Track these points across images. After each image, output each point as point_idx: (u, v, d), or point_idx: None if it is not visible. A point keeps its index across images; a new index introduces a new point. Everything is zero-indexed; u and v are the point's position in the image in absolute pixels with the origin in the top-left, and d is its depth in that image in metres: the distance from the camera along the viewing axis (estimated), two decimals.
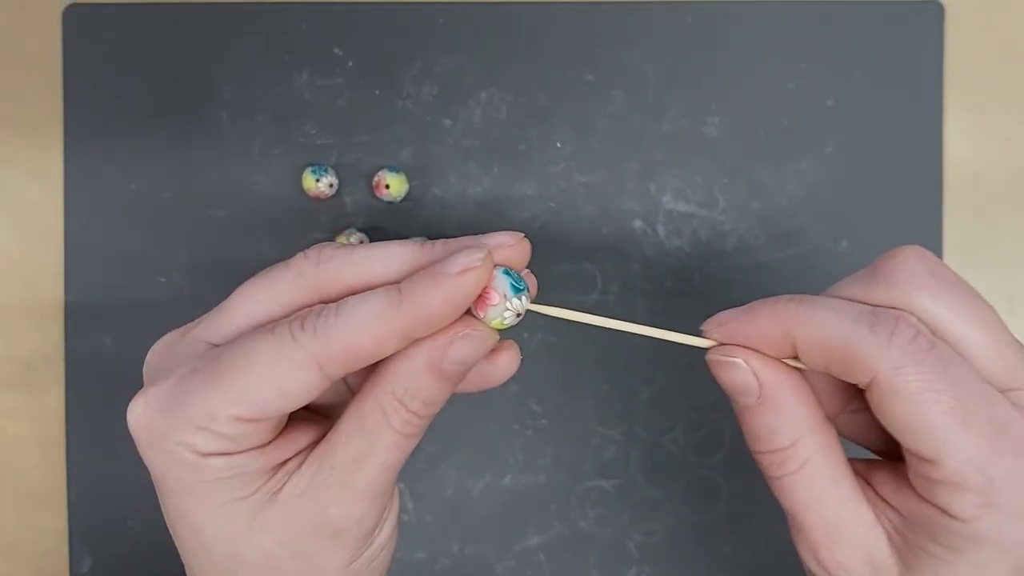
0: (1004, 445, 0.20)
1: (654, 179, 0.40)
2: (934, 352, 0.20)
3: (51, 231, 0.41)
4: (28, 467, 0.41)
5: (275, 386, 0.21)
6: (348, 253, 0.23)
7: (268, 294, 0.24)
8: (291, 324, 0.22)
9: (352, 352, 0.22)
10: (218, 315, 0.24)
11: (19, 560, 0.41)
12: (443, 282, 0.21)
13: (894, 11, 0.40)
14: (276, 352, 0.21)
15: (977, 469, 0.20)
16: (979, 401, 0.20)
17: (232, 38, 0.40)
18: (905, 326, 0.20)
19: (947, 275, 0.22)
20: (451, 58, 0.40)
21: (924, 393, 0.20)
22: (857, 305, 0.21)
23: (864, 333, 0.20)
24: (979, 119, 0.41)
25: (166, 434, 0.22)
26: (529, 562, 0.40)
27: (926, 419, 0.20)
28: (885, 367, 0.20)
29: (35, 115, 0.41)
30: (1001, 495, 0.20)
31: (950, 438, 0.20)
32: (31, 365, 0.41)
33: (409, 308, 0.21)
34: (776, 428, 0.22)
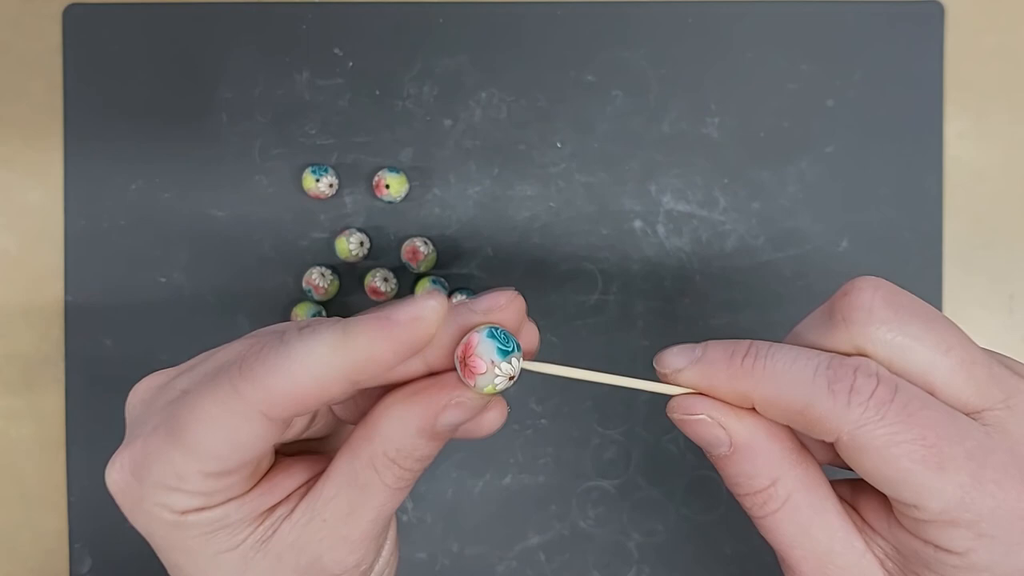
0: (986, 476, 0.19)
1: (654, 179, 0.40)
2: (897, 400, 0.19)
3: (51, 231, 0.41)
4: (28, 467, 0.41)
5: (226, 440, 0.21)
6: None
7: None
8: (230, 371, 0.21)
9: (294, 397, 0.20)
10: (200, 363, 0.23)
11: (19, 560, 0.41)
12: (388, 329, 0.20)
13: (894, 12, 0.40)
14: (219, 406, 0.20)
15: (963, 506, 0.19)
16: (952, 438, 0.19)
17: (232, 38, 0.40)
18: (864, 379, 0.20)
19: (905, 303, 0.21)
20: (451, 59, 0.40)
21: (892, 447, 0.19)
22: (813, 358, 0.20)
23: (822, 395, 0.20)
24: (979, 119, 0.41)
25: (142, 497, 0.22)
26: (529, 562, 0.40)
27: (899, 470, 0.19)
28: (847, 428, 0.19)
29: (35, 115, 0.41)
30: (992, 526, 0.19)
31: (928, 484, 0.19)
32: (31, 365, 0.41)
33: (352, 353, 0.20)
34: (753, 472, 0.22)
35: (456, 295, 0.39)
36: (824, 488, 0.22)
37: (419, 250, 0.39)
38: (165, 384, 0.23)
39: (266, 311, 0.40)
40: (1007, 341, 0.41)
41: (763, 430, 0.22)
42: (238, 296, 0.40)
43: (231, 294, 0.40)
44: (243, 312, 0.40)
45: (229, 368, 0.21)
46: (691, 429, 0.22)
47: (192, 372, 0.23)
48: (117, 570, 0.41)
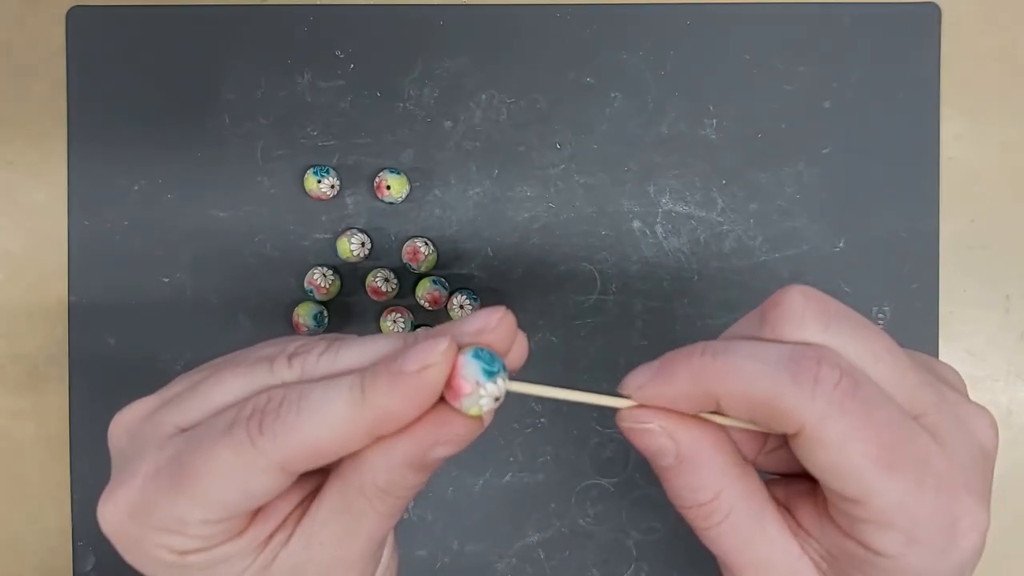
0: (927, 482, 0.19)
1: (653, 180, 0.40)
2: (859, 395, 0.19)
3: (55, 232, 0.41)
4: (32, 466, 0.41)
5: (238, 491, 0.21)
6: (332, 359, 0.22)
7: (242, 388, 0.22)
8: (248, 425, 0.21)
9: (315, 454, 0.21)
10: (190, 397, 0.23)
11: (23, 558, 0.42)
12: (402, 382, 0.20)
13: (891, 14, 0.40)
14: (235, 459, 0.20)
15: (902, 509, 0.19)
16: (904, 440, 0.20)
17: (234, 40, 0.41)
18: (828, 370, 0.19)
19: (836, 312, 0.21)
20: (452, 60, 0.40)
21: (849, 442, 0.19)
22: (776, 349, 0.20)
23: (787, 385, 0.19)
24: (975, 121, 0.41)
25: (140, 538, 0.22)
26: (529, 560, 0.40)
27: (851, 466, 0.19)
28: (810, 420, 0.19)
29: (39, 117, 0.41)
30: (925, 532, 0.20)
31: (875, 483, 0.19)
32: (35, 365, 0.41)
33: (371, 409, 0.20)
34: (697, 485, 0.22)
35: (456, 295, 0.40)
36: (762, 496, 0.22)
37: (420, 251, 0.40)
38: (150, 415, 0.23)
39: (268, 311, 0.41)
40: (1003, 341, 0.41)
41: (708, 441, 0.22)
42: (240, 296, 0.41)
43: (233, 294, 0.41)
44: (245, 312, 0.41)
45: (247, 422, 0.21)
46: (639, 439, 0.22)
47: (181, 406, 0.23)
48: (120, 568, 0.41)
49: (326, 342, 0.23)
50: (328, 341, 0.23)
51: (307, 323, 0.39)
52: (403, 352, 0.21)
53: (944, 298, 0.40)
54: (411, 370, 0.20)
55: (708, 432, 0.22)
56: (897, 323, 0.40)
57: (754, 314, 0.22)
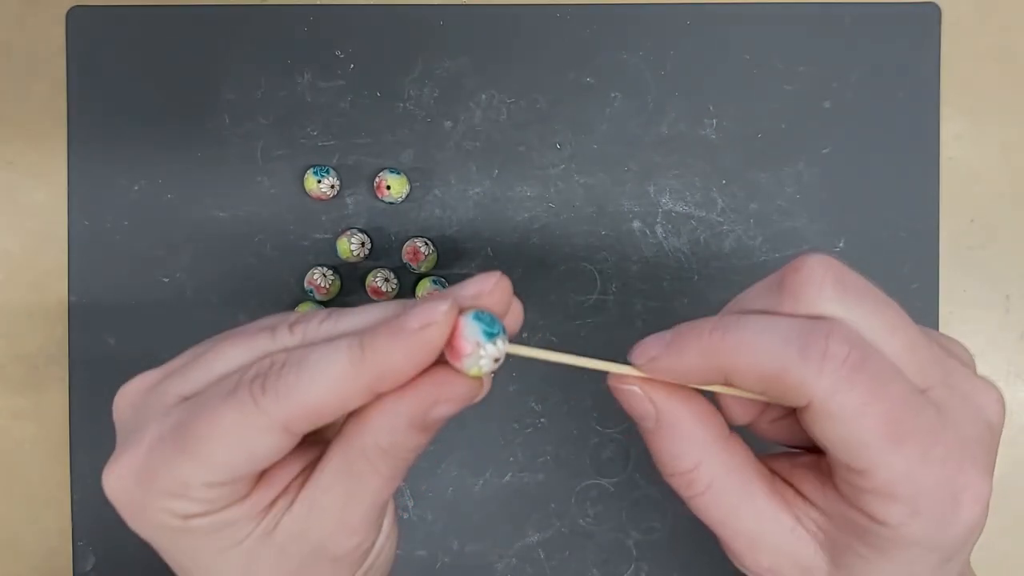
0: (934, 454, 0.20)
1: (653, 180, 0.40)
2: (867, 369, 0.20)
3: (55, 232, 0.41)
4: (32, 466, 0.41)
5: (242, 452, 0.21)
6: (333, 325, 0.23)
7: (244, 355, 0.23)
8: (251, 386, 0.21)
9: (317, 412, 0.21)
10: (193, 367, 0.23)
11: (23, 558, 0.42)
12: (403, 338, 0.21)
13: (891, 14, 0.40)
14: (239, 419, 0.21)
15: (907, 480, 0.20)
16: (911, 414, 0.20)
17: (234, 41, 0.41)
18: (837, 344, 0.20)
19: (854, 283, 0.21)
20: (452, 61, 0.40)
21: (857, 416, 0.19)
22: (783, 324, 0.20)
23: (795, 360, 0.20)
24: (975, 121, 0.41)
25: (145, 503, 0.22)
26: (529, 560, 0.40)
27: (860, 438, 0.20)
28: (819, 394, 0.20)
29: (39, 117, 0.41)
30: (929, 502, 0.20)
31: (883, 455, 0.20)
32: (35, 365, 0.41)
33: (371, 365, 0.21)
34: (677, 452, 0.22)
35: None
36: (750, 471, 0.22)
37: (420, 250, 0.40)
38: (154, 386, 0.23)
39: (268, 311, 0.40)
40: (1003, 340, 0.41)
41: (689, 412, 0.22)
42: (240, 296, 0.41)
43: (233, 294, 0.41)
44: (245, 311, 0.41)
45: (250, 384, 0.21)
46: (623, 399, 0.23)
47: (185, 376, 0.23)
48: (120, 568, 0.41)
49: (327, 311, 0.23)
50: (329, 311, 0.23)
51: None
52: (402, 312, 0.21)
53: (944, 298, 0.40)
54: (413, 327, 0.21)
55: (690, 403, 0.22)
56: None
57: (773, 279, 0.22)
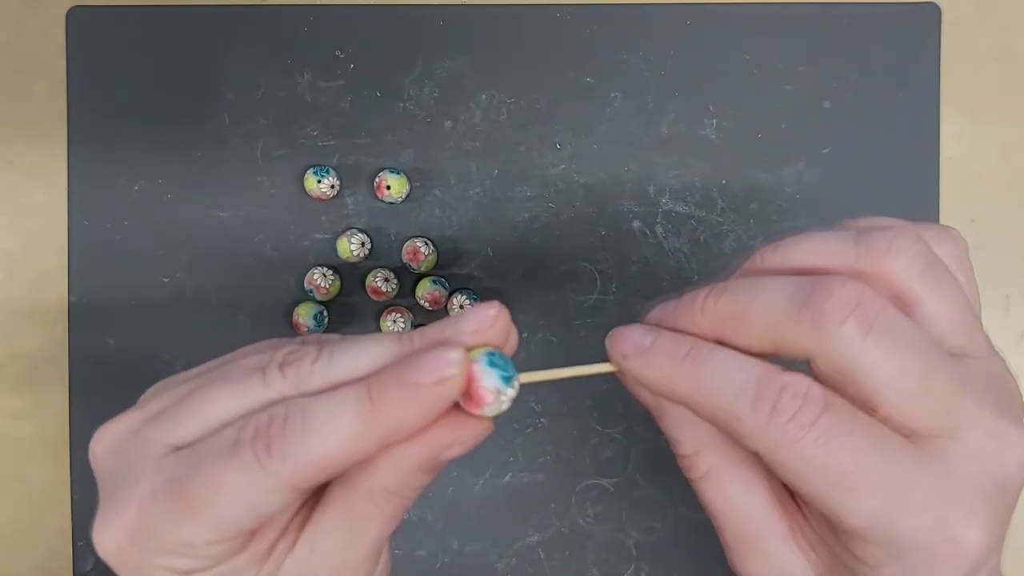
0: (904, 504, 0.19)
1: (653, 180, 0.40)
2: (820, 423, 0.19)
3: (55, 232, 0.41)
4: (32, 466, 0.41)
5: (248, 511, 0.21)
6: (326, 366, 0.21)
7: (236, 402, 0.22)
8: (254, 446, 0.20)
9: (325, 469, 0.21)
10: (179, 416, 0.22)
11: (23, 558, 0.42)
12: (416, 393, 0.20)
13: (891, 14, 0.40)
14: (245, 481, 0.20)
15: (876, 528, 0.19)
16: (873, 464, 0.19)
17: (234, 41, 0.41)
18: (789, 400, 0.19)
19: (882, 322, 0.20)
20: (452, 61, 0.40)
21: (806, 468, 0.19)
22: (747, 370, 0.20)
23: (746, 410, 0.20)
24: (975, 121, 0.41)
25: (142, 562, 0.21)
26: (529, 559, 0.40)
27: (814, 488, 0.20)
28: (764, 446, 0.20)
29: (39, 117, 0.41)
30: (904, 549, 0.20)
31: (840, 503, 0.19)
32: (35, 365, 0.41)
33: (383, 421, 0.20)
34: (678, 438, 0.23)
35: (456, 295, 0.40)
36: (752, 468, 0.22)
37: (420, 251, 0.40)
38: (137, 432, 0.22)
39: (268, 311, 0.41)
40: (1003, 341, 0.41)
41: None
42: (240, 296, 0.41)
43: (233, 294, 0.41)
44: (245, 312, 0.41)
45: (253, 443, 0.20)
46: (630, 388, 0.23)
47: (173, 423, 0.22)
48: None
49: (315, 348, 0.22)
50: (317, 347, 0.22)
51: (307, 323, 0.39)
52: (411, 361, 0.20)
53: None
54: (426, 383, 0.20)
55: None
56: None
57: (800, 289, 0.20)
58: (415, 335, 0.22)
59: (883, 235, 0.21)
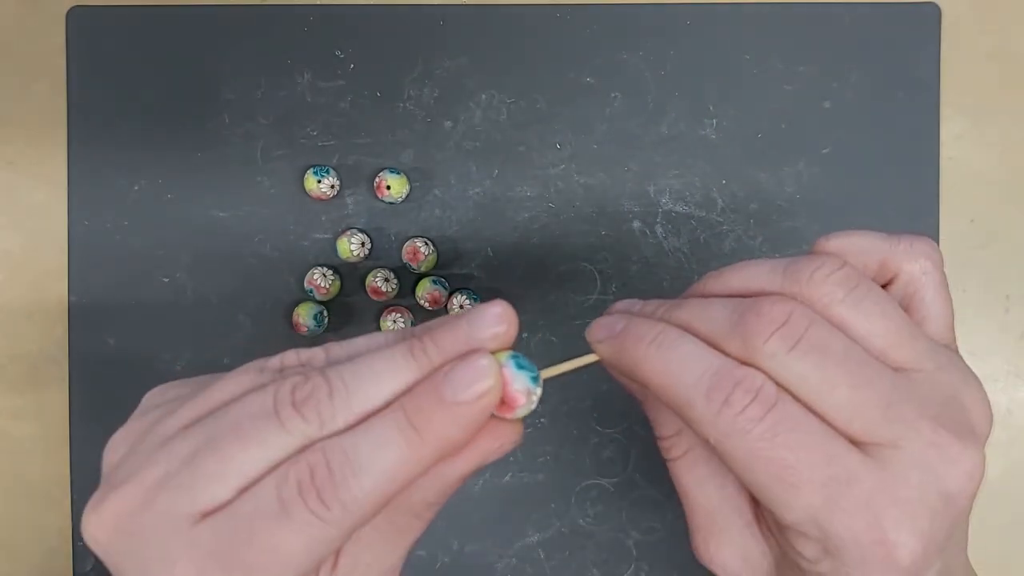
0: (840, 504, 0.20)
1: (653, 180, 0.40)
2: (768, 419, 0.20)
3: (55, 232, 0.41)
4: (32, 466, 0.41)
5: (311, 562, 0.20)
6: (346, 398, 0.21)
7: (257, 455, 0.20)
8: (306, 500, 0.19)
9: (381, 504, 0.20)
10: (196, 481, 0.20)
11: (23, 558, 0.42)
12: (461, 412, 0.20)
13: (891, 13, 0.40)
14: (304, 538, 0.20)
15: (813, 524, 0.20)
16: (815, 463, 0.20)
17: (234, 41, 0.41)
18: (742, 394, 0.20)
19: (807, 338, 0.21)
20: (452, 61, 0.40)
21: (751, 460, 0.20)
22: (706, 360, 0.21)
23: (699, 398, 0.21)
24: (976, 121, 0.41)
25: None
26: (529, 559, 0.40)
27: (757, 481, 0.21)
28: (714, 435, 0.21)
29: (39, 116, 0.41)
30: (838, 547, 0.20)
31: (780, 498, 0.20)
32: (35, 365, 0.41)
33: (430, 445, 0.20)
34: (661, 420, 0.24)
35: (456, 295, 0.40)
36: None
37: (420, 251, 0.40)
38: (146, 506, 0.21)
39: (268, 311, 0.41)
40: (1003, 341, 0.41)
41: None
42: (240, 296, 0.41)
43: (233, 294, 0.41)
44: (245, 312, 0.41)
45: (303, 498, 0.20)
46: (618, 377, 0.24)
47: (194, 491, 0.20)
48: None
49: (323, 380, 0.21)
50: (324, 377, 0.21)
51: (307, 323, 0.39)
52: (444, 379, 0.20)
53: None
54: (468, 400, 0.20)
55: None
56: None
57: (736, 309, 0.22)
58: (428, 347, 0.21)
59: (808, 264, 0.22)
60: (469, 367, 0.20)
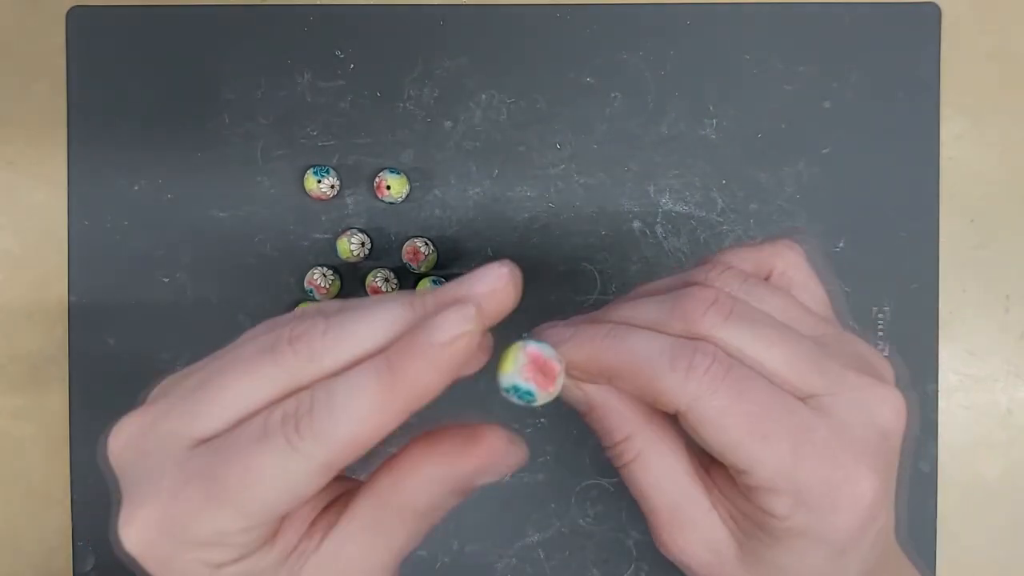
0: (806, 451, 0.22)
1: (653, 180, 0.40)
2: (729, 377, 0.22)
3: (55, 232, 0.41)
4: (32, 466, 0.41)
5: (285, 496, 0.21)
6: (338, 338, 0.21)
7: (253, 386, 0.21)
8: (284, 429, 0.20)
9: (355, 445, 0.21)
10: (197, 406, 0.22)
11: (23, 558, 0.42)
12: (435, 354, 0.20)
13: (891, 14, 0.40)
14: (279, 464, 0.20)
15: (783, 475, 0.22)
16: (777, 414, 0.22)
17: (234, 40, 0.41)
18: (702, 357, 0.22)
19: (736, 311, 0.23)
20: (452, 61, 0.40)
21: (723, 418, 0.22)
22: (662, 339, 0.23)
23: (665, 370, 0.22)
24: (975, 121, 0.41)
25: (174, 554, 0.21)
26: (529, 559, 0.40)
27: (730, 440, 0.22)
28: (685, 400, 0.22)
29: (39, 116, 0.41)
30: (809, 495, 0.22)
31: (754, 453, 0.22)
32: (35, 365, 0.41)
33: (404, 388, 0.20)
34: (609, 428, 0.25)
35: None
36: (678, 451, 0.25)
37: (420, 251, 0.40)
38: (152, 427, 0.22)
39: (268, 311, 0.41)
40: (1003, 340, 0.41)
41: (616, 394, 0.24)
42: (240, 296, 0.41)
43: (233, 294, 0.41)
44: (245, 312, 0.41)
45: (282, 426, 0.20)
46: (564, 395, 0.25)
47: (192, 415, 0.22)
48: (120, 568, 0.41)
49: (323, 319, 0.22)
50: (325, 317, 0.22)
51: None
52: (425, 323, 0.20)
53: (944, 298, 0.40)
54: (442, 341, 0.20)
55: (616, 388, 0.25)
56: (897, 323, 0.40)
57: (667, 301, 0.24)
58: (427, 297, 0.22)
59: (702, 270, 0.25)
60: (451, 312, 0.20)
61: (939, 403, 0.40)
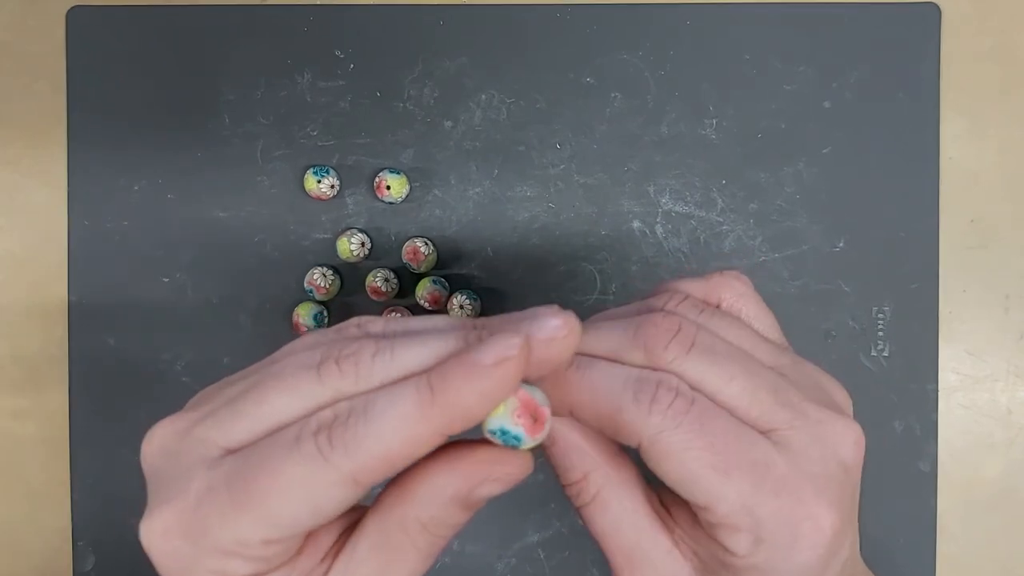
0: (766, 487, 0.22)
1: (652, 180, 0.40)
2: (693, 411, 0.22)
3: (55, 232, 0.41)
4: (32, 466, 0.41)
5: (309, 507, 0.20)
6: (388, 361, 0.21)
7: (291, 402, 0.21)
8: (316, 438, 0.20)
9: (387, 461, 0.20)
10: (232, 416, 0.21)
11: (23, 558, 0.42)
12: (477, 375, 0.20)
13: (891, 14, 0.40)
14: (307, 473, 0.20)
15: (744, 511, 0.22)
16: (738, 449, 0.22)
17: (234, 41, 0.41)
18: (665, 391, 0.22)
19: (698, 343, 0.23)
20: (452, 61, 0.40)
21: (685, 451, 0.21)
22: (624, 372, 0.23)
23: (628, 403, 0.22)
24: (975, 121, 0.41)
25: (194, 561, 0.21)
26: (529, 559, 0.40)
27: (691, 474, 0.22)
28: (648, 433, 0.22)
29: (39, 117, 0.41)
30: (769, 532, 0.22)
31: (715, 488, 0.21)
32: (35, 365, 0.41)
33: (442, 408, 0.20)
34: (568, 465, 0.24)
35: (456, 295, 0.40)
36: (636, 490, 0.24)
37: (420, 251, 0.40)
38: (188, 431, 0.22)
39: (268, 311, 0.41)
40: (1003, 341, 0.41)
41: (578, 430, 0.24)
42: (240, 296, 0.41)
43: (233, 294, 0.41)
44: (245, 312, 0.41)
45: (315, 436, 0.20)
46: None
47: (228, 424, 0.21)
48: (120, 568, 0.41)
49: (373, 342, 0.22)
50: (375, 341, 0.22)
51: (307, 323, 0.39)
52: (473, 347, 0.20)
53: (944, 298, 0.40)
54: (486, 363, 0.20)
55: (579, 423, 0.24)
56: (897, 323, 0.40)
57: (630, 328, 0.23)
58: (480, 326, 0.22)
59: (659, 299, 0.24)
60: (501, 338, 0.20)
61: (939, 403, 0.40)
